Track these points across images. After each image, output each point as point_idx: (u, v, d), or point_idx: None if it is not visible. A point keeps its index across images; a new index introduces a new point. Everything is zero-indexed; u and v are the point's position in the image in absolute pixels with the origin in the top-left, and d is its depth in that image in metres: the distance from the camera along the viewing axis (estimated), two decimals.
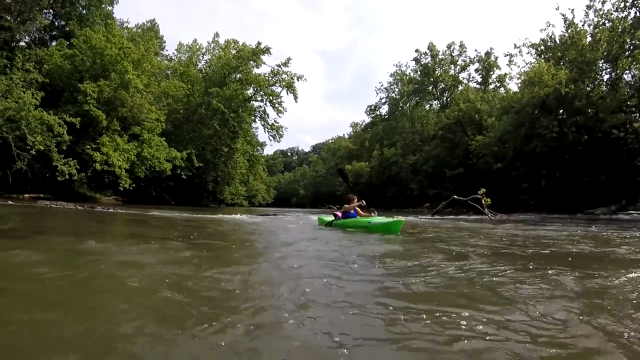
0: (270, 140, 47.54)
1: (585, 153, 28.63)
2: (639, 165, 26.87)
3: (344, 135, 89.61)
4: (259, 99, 44.21)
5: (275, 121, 44.98)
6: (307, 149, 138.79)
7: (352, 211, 9.96)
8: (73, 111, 26.60)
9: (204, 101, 40.17)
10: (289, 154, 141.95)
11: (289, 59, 42.96)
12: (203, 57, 47.36)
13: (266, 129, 45.19)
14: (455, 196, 22.27)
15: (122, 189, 29.21)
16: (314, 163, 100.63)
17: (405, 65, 60.71)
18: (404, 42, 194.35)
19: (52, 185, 26.33)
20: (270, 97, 43.38)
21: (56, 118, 24.60)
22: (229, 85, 41.00)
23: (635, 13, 26.86)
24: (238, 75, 42.75)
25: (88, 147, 27.76)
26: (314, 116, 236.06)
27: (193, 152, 36.97)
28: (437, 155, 44.39)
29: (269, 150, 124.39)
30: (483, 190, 19.77)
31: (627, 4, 27.20)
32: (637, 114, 28.63)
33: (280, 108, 43.44)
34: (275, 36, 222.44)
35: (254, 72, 43.17)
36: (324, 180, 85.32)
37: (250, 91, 43.47)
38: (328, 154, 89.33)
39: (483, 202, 19.61)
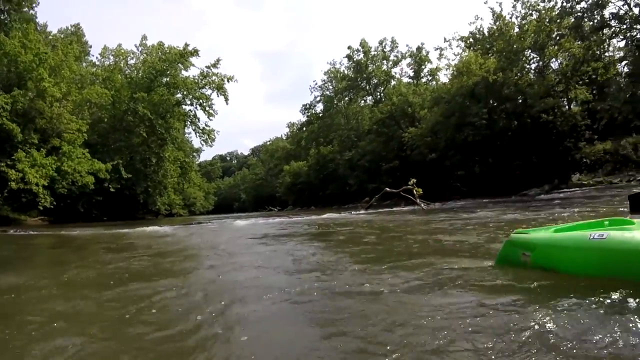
0: (203, 145, 45.78)
1: (516, 138, 29.78)
2: (569, 145, 28.30)
3: (281, 136, 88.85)
4: (189, 102, 42.49)
5: (206, 125, 43.50)
6: (246, 153, 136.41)
7: None
8: None
9: (130, 108, 37.82)
10: (228, 158, 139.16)
11: (218, 60, 41.49)
12: (129, 61, 44.87)
13: (197, 134, 43.75)
14: (387, 189, 22.32)
15: (41, 208, 27.01)
16: (253, 166, 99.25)
17: (339, 63, 60.53)
18: (341, 40, 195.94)
19: None
20: (200, 101, 41.79)
21: None
22: (155, 90, 39.07)
23: (562, 3, 28.08)
24: (165, 79, 40.71)
25: (2, 164, 25.34)
26: (254, 118, 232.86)
27: (120, 162, 34.91)
28: (372, 149, 44.73)
29: (206, 156, 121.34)
30: (413, 180, 19.85)
31: None
32: (565, 99, 30.11)
33: (210, 111, 41.99)
34: (213, 38, 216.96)
35: (182, 75, 41.34)
36: (264, 183, 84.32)
37: (179, 95, 41.70)
38: (267, 156, 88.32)
39: (415, 192, 19.64)
